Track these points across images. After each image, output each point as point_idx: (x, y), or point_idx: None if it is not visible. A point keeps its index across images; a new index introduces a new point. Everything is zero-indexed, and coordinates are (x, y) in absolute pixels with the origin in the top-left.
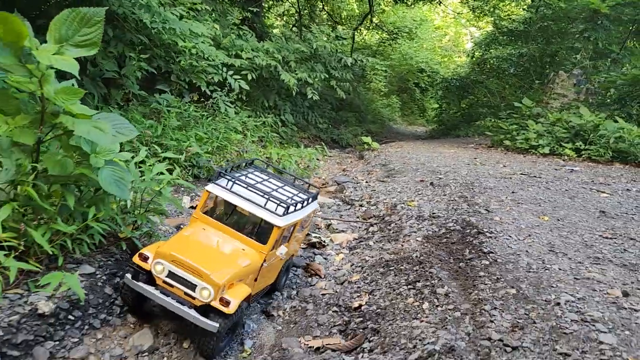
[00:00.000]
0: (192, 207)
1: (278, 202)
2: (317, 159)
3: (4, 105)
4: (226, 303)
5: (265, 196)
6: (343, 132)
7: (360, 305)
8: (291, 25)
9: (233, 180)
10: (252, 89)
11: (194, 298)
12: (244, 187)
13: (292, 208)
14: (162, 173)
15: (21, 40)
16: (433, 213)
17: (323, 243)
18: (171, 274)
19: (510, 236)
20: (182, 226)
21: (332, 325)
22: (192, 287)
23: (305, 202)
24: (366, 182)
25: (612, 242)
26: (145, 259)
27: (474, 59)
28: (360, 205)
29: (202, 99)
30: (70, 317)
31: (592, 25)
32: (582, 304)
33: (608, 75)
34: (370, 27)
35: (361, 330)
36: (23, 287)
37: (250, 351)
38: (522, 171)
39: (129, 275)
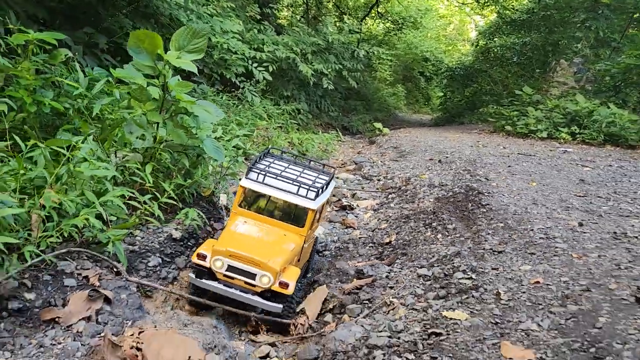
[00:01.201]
0: None
1: (308, 187)
2: (334, 143)
3: (139, 96)
4: (285, 285)
5: (296, 184)
6: (353, 119)
7: (390, 241)
8: (299, 17)
9: (264, 173)
10: (272, 79)
11: (254, 286)
12: (273, 177)
13: (320, 191)
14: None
15: (156, 49)
16: (441, 182)
17: (352, 206)
18: (230, 268)
19: (503, 195)
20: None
21: (370, 255)
22: (252, 276)
23: (328, 183)
24: (381, 161)
25: (583, 199)
26: (203, 257)
27: (478, 47)
28: (378, 180)
29: (232, 90)
30: (189, 242)
31: (594, 14)
32: (549, 229)
33: (606, 63)
34: (376, 18)
35: (393, 254)
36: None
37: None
38: (519, 152)
39: (192, 275)
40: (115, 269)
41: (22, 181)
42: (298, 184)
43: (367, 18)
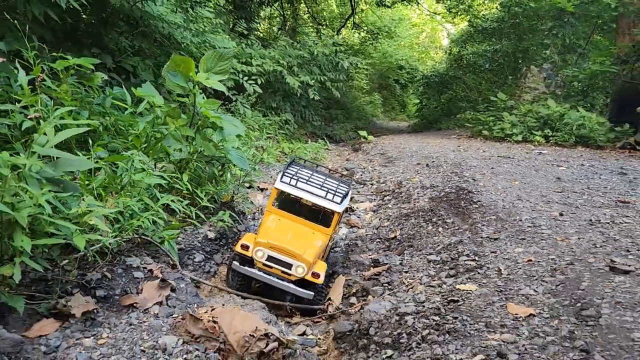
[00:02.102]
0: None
1: (334, 192)
2: (322, 151)
3: (172, 113)
4: (317, 276)
5: (324, 189)
6: (335, 128)
7: (395, 236)
8: (277, 29)
9: (296, 177)
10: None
11: (289, 275)
12: (304, 182)
13: (344, 196)
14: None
15: (189, 71)
16: (433, 184)
17: (352, 208)
18: (270, 258)
19: (491, 192)
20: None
21: (379, 249)
22: (288, 266)
23: (349, 190)
24: (371, 167)
25: (561, 194)
26: (246, 248)
27: (451, 55)
28: (372, 184)
29: (225, 102)
30: (221, 242)
31: (560, 22)
32: (535, 219)
33: (574, 69)
34: (352, 28)
35: (400, 246)
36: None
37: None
38: (499, 154)
39: (237, 263)
40: (171, 263)
41: (90, 189)
42: (326, 189)
43: (343, 28)
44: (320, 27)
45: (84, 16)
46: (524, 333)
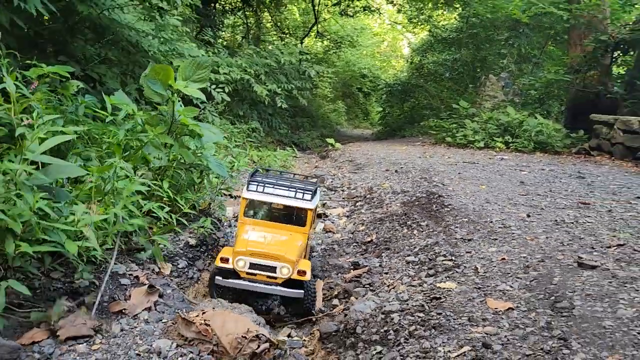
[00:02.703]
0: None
1: (303, 191)
2: (291, 159)
3: (151, 121)
4: (303, 273)
5: (292, 189)
6: (302, 136)
7: (371, 240)
8: (241, 37)
9: (262, 184)
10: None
11: (275, 278)
12: (271, 187)
13: (313, 193)
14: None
15: (169, 80)
16: (403, 189)
17: (325, 214)
18: (252, 265)
19: (460, 196)
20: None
21: (356, 252)
22: (273, 269)
23: (317, 187)
24: (341, 174)
25: (526, 197)
26: (226, 260)
27: (413, 64)
28: (342, 190)
29: None
30: (201, 248)
31: (515, 32)
32: (504, 220)
33: (530, 78)
34: (315, 37)
35: (377, 250)
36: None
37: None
38: (464, 160)
39: (220, 277)
40: (157, 270)
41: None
42: (294, 189)
43: (306, 37)
44: (284, 35)
45: (49, 24)
46: (505, 325)
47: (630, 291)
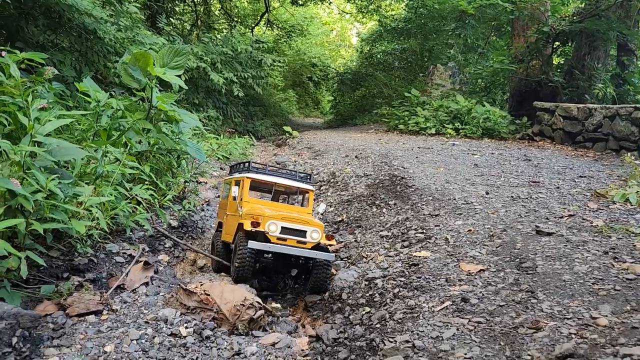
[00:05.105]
0: None
1: (302, 175)
2: (248, 147)
3: (129, 107)
4: (331, 237)
5: (292, 174)
6: (256, 124)
7: (342, 219)
8: (190, 25)
9: (263, 169)
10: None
11: (304, 243)
12: (269, 173)
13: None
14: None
15: (147, 66)
16: (366, 173)
17: None
18: (283, 229)
19: (422, 178)
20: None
21: (329, 231)
22: (303, 234)
23: (309, 175)
24: (301, 160)
25: (481, 177)
26: (257, 224)
27: (363, 53)
28: None
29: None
30: (183, 229)
31: (462, 24)
32: (466, 198)
33: (476, 68)
34: (265, 26)
35: (349, 228)
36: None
37: None
38: (418, 146)
39: (251, 241)
40: (147, 249)
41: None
42: (295, 172)
43: (257, 26)
44: (235, 23)
45: (1, 11)
46: (478, 283)
47: (583, 252)
